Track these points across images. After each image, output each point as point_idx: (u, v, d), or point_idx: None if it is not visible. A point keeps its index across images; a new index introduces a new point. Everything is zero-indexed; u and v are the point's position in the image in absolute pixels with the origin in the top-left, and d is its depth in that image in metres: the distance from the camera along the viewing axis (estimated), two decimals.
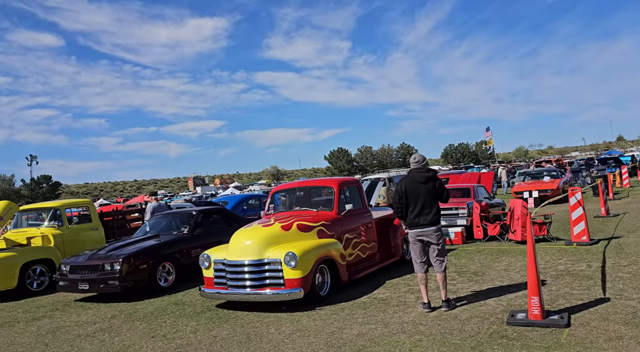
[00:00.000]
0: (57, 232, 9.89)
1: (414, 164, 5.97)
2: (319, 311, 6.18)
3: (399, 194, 5.93)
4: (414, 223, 5.83)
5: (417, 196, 5.80)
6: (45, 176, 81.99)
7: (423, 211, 5.77)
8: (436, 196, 5.84)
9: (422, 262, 5.92)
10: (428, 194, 5.79)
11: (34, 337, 6.23)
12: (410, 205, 5.84)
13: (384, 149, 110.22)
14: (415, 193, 5.81)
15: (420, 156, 6.03)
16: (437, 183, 5.88)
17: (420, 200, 5.79)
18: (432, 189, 5.81)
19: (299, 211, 7.65)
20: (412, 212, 5.83)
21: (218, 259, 6.81)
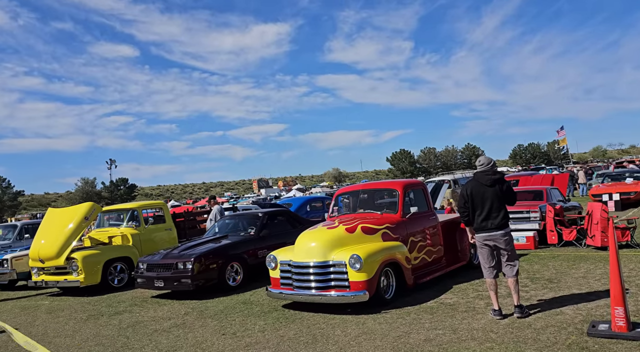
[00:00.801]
0: (135, 232, 10.51)
1: (479, 166, 5.83)
2: (385, 315, 6.14)
3: (465, 198, 5.80)
4: (481, 227, 5.67)
5: (483, 200, 5.65)
6: (122, 178, 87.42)
7: (490, 214, 5.61)
8: (503, 199, 5.65)
9: (490, 267, 5.74)
10: (495, 197, 5.61)
11: (116, 330, 6.67)
12: (477, 209, 5.69)
13: (448, 150, 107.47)
14: (481, 196, 5.66)
15: (487, 159, 5.85)
16: (505, 186, 5.69)
17: (487, 203, 5.63)
18: (499, 192, 5.63)
19: (363, 213, 7.64)
20: (479, 216, 5.68)
21: (284, 260, 6.95)
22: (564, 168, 47.47)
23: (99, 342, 6.15)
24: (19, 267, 10.81)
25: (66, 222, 9.77)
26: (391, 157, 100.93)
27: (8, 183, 78.57)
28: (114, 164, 69.23)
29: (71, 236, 9.57)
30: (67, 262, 9.46)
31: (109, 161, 69.24)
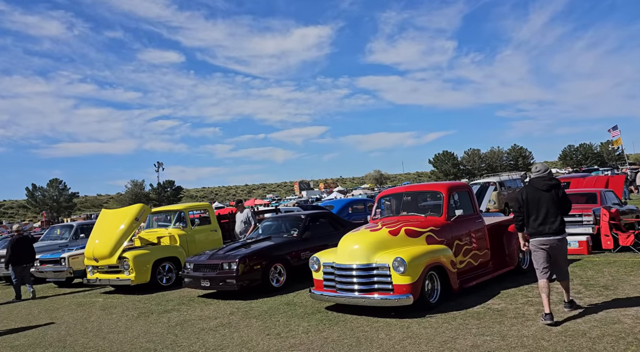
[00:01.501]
0: (182, 233, 10.82)
1: (536, 173, 5.90)
2: (430, 319, 6.05)
3: (520, 203, 5.84)
4: (538, 231, 5.68)
5: (539, 204, 5.69)
6: (169, 181, 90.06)
7: (547, 219, 5.64)
8: (559, 203, 5.67)
9: (544, 268, 5.73)
10: (551, 201, 5.65)
11: (165, 328, 6.88)
12: (532, 213, 5.72)
13: (493, 152, 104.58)
14: (537, 201, 5.70)
15: (543, 166, 5.94)
16: (561, 192, 5.74)
17: (543, 208, 5.67)
18: (555, 197, 5.67)
19: (406, 216, 7.55)
20: (535, 221, 5.70)
21: (327, 262, 6.97)
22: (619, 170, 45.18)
23: (149, 339, 6.37)
24: (75, 266, 11.36)
25: (118, 223, 10.19)
26: (434, 159, 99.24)
27: (64, 185, 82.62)
28: (161, 166, 71.47)
29: (123, 236, 9.96)
30: (119, 261, 9.85)
31: (157, 164, 71.51)
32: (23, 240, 11.18)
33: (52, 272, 11.72)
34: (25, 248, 11.02)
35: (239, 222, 11.04)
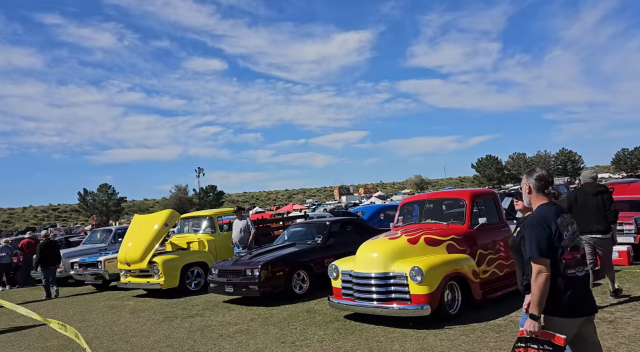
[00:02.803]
0: (211, 238, 11.03)
1: (590, 179, 6.82)
2: (448, 330, 5.88)
3: (569, 204, 6.65)
4: (584, 230, 6.37)
5: (585, 206, 6.53)
6: (211, 186, 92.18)
7: (592, 220, 6.45)
8: (604, 207, 6.45)
9: (591, 262, 6.43)
10: (596, 205, 6.48)
11: (186, 333, 7.02)
12: (580, 214, 6.38)
13: (539, 156, 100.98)
14: (584, 204, 6.57)
15: (595, 174, 6.95)
16: (606, 196, 6.53)
17: (588, 210, 6.50)
18: (601, 201, 6.48)
19: (428, 223, 7.39)
20: (582, 220, 6.29)
21: (345, 270, 6.91)
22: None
23: (169, 344, 6.50)
24: (110, 269, 11.78)
25: (149, 228, 10.50)
26: (477, 163, 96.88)
27: (113, 190, 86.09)
28: (202, 172, 73.28)
29: (153, 241, 10.26)
30: (149, 265, 10.14)
31: (198, 169, 73.41)
32: (50, 244, 12.25)
33: (89, 275, 12.21)
34: (52, 251, 12.10)
35: (237, 231, 10.62)
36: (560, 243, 3.01)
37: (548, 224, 3.02)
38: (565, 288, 2.99)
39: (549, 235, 2.99)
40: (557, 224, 3.03)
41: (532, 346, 2.92)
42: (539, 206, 3.18)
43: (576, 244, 3.11)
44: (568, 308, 2.98)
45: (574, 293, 3.00)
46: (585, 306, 3.06)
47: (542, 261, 2.96)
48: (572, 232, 3.09)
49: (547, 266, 2.95)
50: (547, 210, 3.12)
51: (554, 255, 2.99)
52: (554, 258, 2.99)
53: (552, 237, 3.00)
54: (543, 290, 2.91)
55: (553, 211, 3.11)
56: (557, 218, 3.06)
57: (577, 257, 3.07)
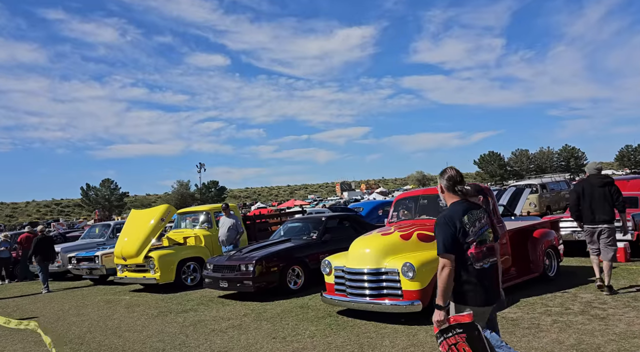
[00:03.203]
0: (207, 234, 11.02)
1: (595, 170, 7.06)
2: None
3: (577, 195, 7.03)
4: (590, 219, 6.89)
5: (592, 197, 6.87)
6: (213, 181, 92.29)
7: (599, 210, 6.81)
8: (611, 198, 6.78)
9: (596, 249, 6.98)
10: (603, 195, 6.80)
11: (178, 328, 7.02)
12: (586, 204, 6.89)
13: (542, 152, 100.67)
14: (591, 195, 6.89)
15: (599, 166, 7.18)
16: (613, 188, 6.81)
17: (595, 200, 6.84)
18: (608, 192, 6.80)
19: (422, 219, 7.36)
20: (588, 210, 6.88)
21: (338, 265, 6.90)
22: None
23: (160, 339, 6.51)
24: (107, 264, 11.81)
25: (145, 223, 10.50)
26: (479, 159, 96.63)
27: (115, 185, 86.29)
28: (203, 167, 73.29)
29: (149, 236, 10.26)
30: (145, 260, 10.15)
31: (199, 165, 73.37)
32: (45, 239, 12.39)
33: (87, 269, 12.24)
34: (47, 246, 12.25)
35: (224, 228, 10.29)
36: (465, 239, 3.23)
37: (453, 222, 3.25)
38: (473, 279, 3.24)
39: (453, 233, 3.22)
40: (462, 221, 3.26)
41: (447, 336, 3.03)
42: (450, 204, 3.41)
43: (483, 239, 3.33)
44: (477, 298, 3.24)
45: (482, 284, 3.26)
46: (492, 295, 3.33)
47: (446, 256, 3.22)
48: (479, 228, 3.31)
49: (451, 260, 3.21)
50: (455, 208, 3.35)
51: (459, 250, 3.23)
52: (460, 253, 3.23)
53: (457, 234, 3.23)
54: (447, 283, 3.19)
55: (461, 208, 3.32)
56: (464, 215, 3.28)
57: (484, 250, 3.31)
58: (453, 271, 3.20)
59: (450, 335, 3.03)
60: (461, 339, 2.98)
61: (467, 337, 2.96)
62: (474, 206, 3.39)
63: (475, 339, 2.96)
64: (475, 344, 2.95)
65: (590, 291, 7.05)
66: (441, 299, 3.20)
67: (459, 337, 2.98)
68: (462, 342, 2.97)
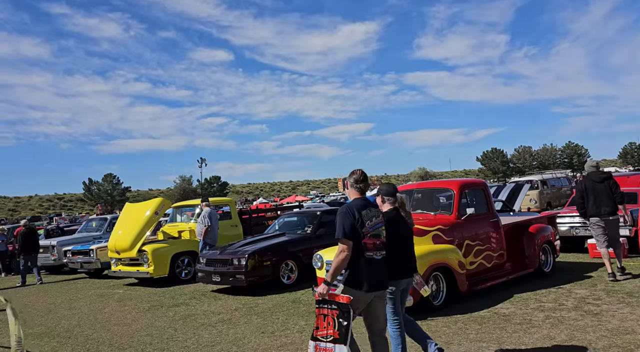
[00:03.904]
0: None
1: (592, 168, 7.62)
2: (430, 322, 5.77)
3: (580, 192, 7.49)
4: (596, 213, 7.36)
5: (595, 193, 7.37)
6: (215, 176, 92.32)
7: (602, 203, 7.30)
8: (610, 191, 7.29)
9: (604, 241, 7.32)
10: (604, 190, 7.32)
11: (168, 322, 6.95)
12: (590, 200, 7.38)
13: (545, 149, 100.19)
14: (594, 190, 7.38)
15: (595, 162, 7.82)
16: (612, 182, 7.36)
17: (598, 195, 7.34)
18: (607, 187, 7.33)
19: (415, 213, 7.23)
20: (593, 204, 7.36)
21: (330, 260, 6.80)
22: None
23: (149, 333, 6.43)
24: (102, 257, 11.75)
25: (139, 217, 10.42)
26: (482, 156, 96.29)
27: (117, 180, 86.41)
28: (204, 162, 73.30)
29: (142, 229, 10.18)
30: (139, 254, 10.08)
31: (200, 160, 73.44)
32: (30, 233, 12.73)
33: (82, 263, 12.19)
34: (31, 240, 12.62)
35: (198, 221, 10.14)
36: (361, 229, 3.65)
37: (353, 213, 3.68)
38: (362, 267, 3.65)
39: (352, 222, 3.64)
40: (361, 214, 3.69)
41: (324, 306, 3.58)
42: (353, 199, 3.86)
43: (377, 233, 3.77)
44: (361, 283, 3.64)
45: (370, 272, 3.66)
46: (377, 284, 3.71)
47: (345, 242, 3.64)
48: (375, 223, 3.76)
49: (349, 246, 3.62)
50: (356, 203, 3.79)
51: (357, 238, 3.64)
52: (357, 241, 3.63)
53: (356, 223, 3.65)
54: (341, 264, 3.61)
55: (361, 203, 3.78)
56: (363, 210, 3.72)
57: (377, 243, 3.75)
58: (349, 256, 3.60)
59: (326, 307, 3.56)
60: (333, 314, 3.53)
61: (338, 314, 3.51)
62: (372, 205, 3.86)
63: (343, 319, 3.50)
64: (340, 323, 3.49)
65: (585, 286, 6.95)
66: (331, 277, 3.59)
67: (332, 312, 3.53)
68: (332, 317, 3.52)
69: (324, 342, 3.54)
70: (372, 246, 3.69)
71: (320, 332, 3.57)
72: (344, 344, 3.49)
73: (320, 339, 3.57)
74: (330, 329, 3.52)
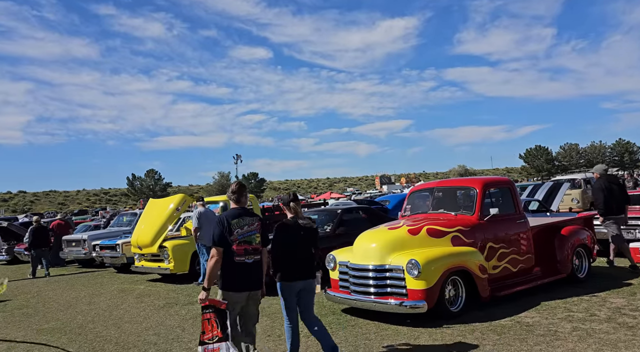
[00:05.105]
0: None
1: (603, 171, 8.50)
2: (445, 330, 5.39)
3: (603, 192, 8.13)
4: (615, 212, 8.09)
5: (612, 194, 8.10)
6: (253, 173, 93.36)
7: (618, 203, 8.11)
8: (621, 193, 8.21)
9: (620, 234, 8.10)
10: (617, 191, 8.19)
11: (178, 321, 6.84)
12: (609, 200, 8.08)
13: (594, 146, 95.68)
14: (611, 191, 8.14)
15: (606, 166, 8.72)
16: (622, 185, 8.45)
17: (614, 196, 8.10)
18: (619, 189, 8.26)
19: (435, 213, 6.85)
20: (612, 204, 8.09)
21: (343, 261, 6.51)
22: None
23: (157, 332, 6.34)
24: (128, 252, 11.86)
25: (160, 213, 10.44)
26: (525, 154, 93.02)
27: (159, 175, 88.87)
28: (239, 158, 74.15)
29: (163, 225, 10.18)
30: (160, 250, 10.08)
31: (235, 156, 74.35)
32: (40, 229, 13.53)
33: (109, 257, 12.37)
34: (42, 235, 13.42)
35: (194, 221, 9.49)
36: (230, 237, 4.05)
37: (223, 222, 4.11)
38: (233, 270, 4.06)
39: (221, 230, 4.07)
40: (230, 222, 4.11)
41: (206, 311, 3.99)
42: (230, 208, 4.33)
43: (249, 240, 4.17)
44: (234, 285, 4.08)
45: (240, 275, 4.09)
46: (248, 286, 4.15)
47: (216, 248, 4.06)
48: (246, 231, 4.16)
49: (219, 252, 4.04)
50: (230, 212, 4.23)
51: (226, 245, 4.05)
52: (227, 247, 4.05)
53: (225, 231, 4.08)
54: (213, 270, 4.01)
55: (234, 213, 4.21)
56: (234, 219, 4.14)
57: (248, 249, 4.15)
58: (220, 261, 4.02)
59: (208, 311, 3.98)
60: (213, 317, 3.96)
61: (216, 315, 3.95)
62: (248, 214, 4.28)
63: (224, 319, 3.96)
64: (222, 323, 3.95)
65: (622, 295, 6.36)
66: (207, 282, 3.99)
67: (212, 315, 3.97)
68: (214, 319, 3.96)
69: (210, 344, 3.95)
70: (242, 252, 4.08)
71: (207, 336, 3.97)
72: (227, 341, 3.95)
73: (207, 342, 3.96)
74: (215, 331, 3.95)
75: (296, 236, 4.51)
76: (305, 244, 4.60)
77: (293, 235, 4.52)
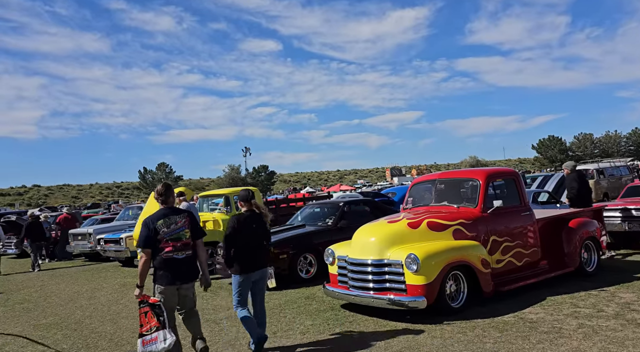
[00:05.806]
0: (226, 217, 10.69)
1: (572, 167, 9.01)
2: (445, 327, 5.20)
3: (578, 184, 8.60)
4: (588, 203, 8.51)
5: (586, 186, 8.75)
6: (263, 165, 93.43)
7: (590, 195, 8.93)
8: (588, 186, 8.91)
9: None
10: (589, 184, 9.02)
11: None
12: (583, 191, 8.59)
13: (609, 136, 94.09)
14: (585, 184, 8.79)
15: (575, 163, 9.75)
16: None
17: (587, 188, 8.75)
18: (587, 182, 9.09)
19: (437, 206, 6.63)
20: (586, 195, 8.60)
21: (341, 255, 6.34)
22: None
23: None
24: (131, 246, 11.81)
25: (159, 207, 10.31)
26: (538, 144, 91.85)
27: (170, 169, 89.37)
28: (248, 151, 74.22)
29: None
30: None
31: (244, 149, 74.46)
32: (35, 224, 13.95)
33: (113, 251, 12.35)
34: (37, 230, 13.86)
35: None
36: (156, 237, 4.31)
37: (148, 224, 4.35)
38: (163, 266, 4.33)
39: (147, 233, 4.34)
40: (155, 224, 4.35)
41: (142, 306, 4.29)
42: (156, 210, 4.54)
43: (177, 237, 4.39)
44: (165, 279, 4.36)
45: (170, 269, 4.34)
46: (178, 279, 4.39)
47: (144, 250, 4.38)
48: (172, 229, 4.38)
49: (147, 253, 4.36)
50: (156, 213, 4.47)
51: (154, 245, 4.33)
52: (155, 247, 4.33)
53: (150, 233, 4.34)
54: (142, 269, 4.33)
55: (160, 214, 4.44)
56: (160, 220, 4.37)
57: (177, 245, 4.38)
58: (149, 261, 4.34)
59: (143, 306, 4.26)
60: (149, 310, 4.24)
61: (151, 309, 4.24)
62: (174, 213, 4.48)
63: (159, 311, 4.25)
64: (158, 314, 4.22)
65: (633, 290, 6.11)
66: (139, 279, 4.30)
67: (147, 308, 4.25)
68: (150, 312, 4.23)
69: (148, 334, 4.18)
70: (171, 249, 4.33)
71: (145, 328, 4.21)
72: (165, 329, 4.19)
73: (145, 334, 4.19)
74: (152, 322, 4.20)
75: (249, 228, 4.83)
76: (258, 237, 4.91)
77: (246, 228, 4.82)
